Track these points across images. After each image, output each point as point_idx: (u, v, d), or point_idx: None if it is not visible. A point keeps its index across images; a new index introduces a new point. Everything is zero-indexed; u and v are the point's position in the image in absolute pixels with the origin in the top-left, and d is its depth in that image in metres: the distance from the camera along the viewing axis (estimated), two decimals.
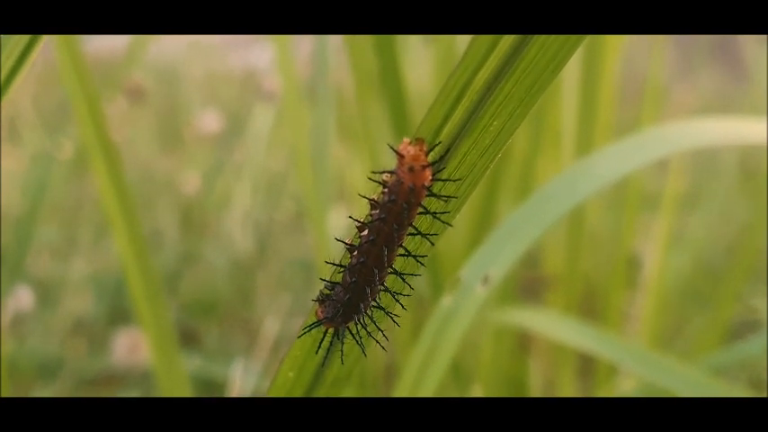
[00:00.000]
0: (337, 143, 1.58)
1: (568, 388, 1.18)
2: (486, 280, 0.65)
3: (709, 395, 0.67)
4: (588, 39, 1.14)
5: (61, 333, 1.52)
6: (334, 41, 1.24)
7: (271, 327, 1.28)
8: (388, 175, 0.38)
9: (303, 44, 1.65)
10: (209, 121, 1.92)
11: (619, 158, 0.68)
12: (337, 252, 0.42)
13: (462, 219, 1.17)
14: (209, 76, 2.42)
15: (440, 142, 0.38)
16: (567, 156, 1.21)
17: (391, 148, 0.37)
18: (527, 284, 1.31)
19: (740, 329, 1.37)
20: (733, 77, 2.42)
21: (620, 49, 1.22)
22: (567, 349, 1.16)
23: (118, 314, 1.53)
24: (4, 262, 1.41)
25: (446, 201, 0.38)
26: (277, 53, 1.08)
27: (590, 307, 1.33)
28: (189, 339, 1.53)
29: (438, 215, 0.39)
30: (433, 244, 0.39)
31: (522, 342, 1.28)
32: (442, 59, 1.21)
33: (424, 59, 1.40)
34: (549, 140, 1.22)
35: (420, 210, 0.38)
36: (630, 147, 0.69)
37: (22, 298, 1.43)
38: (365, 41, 1.17)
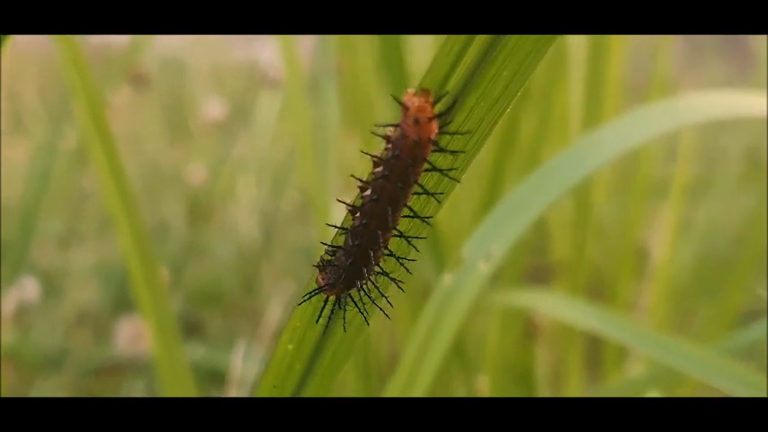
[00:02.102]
0: (342, 133, 1.57)
1: (575, 377, 1.17)
2: (488, 257, 0.64)
3: (722, 376, 0.65)
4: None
5: (66, 323, 1.51)
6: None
7: (274, 314, 1.27)
8: (392, 128, 0.36)
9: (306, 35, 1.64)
10: (215, 111, 1.92)
11: (624, 132, 0.66)
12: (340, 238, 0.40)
13: (467, 203, 1.16)
14: (214, 67, 2.41)
15: (447, 92, 0.35)
16: (573, 140, 1.20)
17: (395, 99, 0.35)
18: (534, 272, 1.30)
19: (748, 320, 1.36)
20: (741, 69, 2.40)
21: (626, 37, 1.21)
22: (574, 338, 1.15)
23: (123, 304, 1.52)
24: (9, 253, 1.40)
25: (454, 155, 0.36)
26: (281, 44, 1.08)
27: (597, 296, 1.32)
28: (194, 329, 1.53)
29: (445, 172, 0.36)
30: (439, 202, 0.37)
31: (529, 331, 1.27)
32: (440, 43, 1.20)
33: (426, 43, 1.39)
34: (556, 126, 1.21)
35: (426, 166, 0.36)
36: (637, 120, 0.67)
37: (28, 288, 1.42)
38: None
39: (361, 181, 0.37)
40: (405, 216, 0.38)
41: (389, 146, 0.36)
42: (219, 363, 1.33)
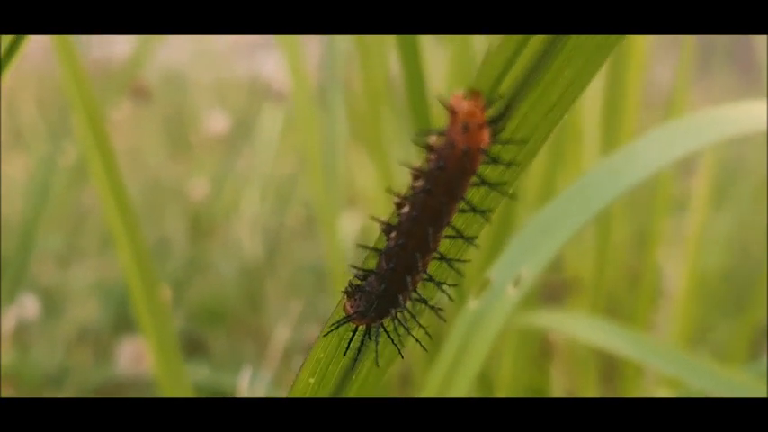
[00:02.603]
0: (349, 147, 1.55)
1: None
2: (518, 281, 0.60)
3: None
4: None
5: (66, 342, 1.49)
6: (345, 42, 1.21)
7: (281, 335, 1.24)
8: (437, 136, 0.31)
9: (312, 45, 1.62)
10: (217, 125, 1.90)
11: (658, 148, 0.63)
12: (351, 257, 0.36)
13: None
14: (216, 80, 2.39)
15: (500, 96, 0.31)
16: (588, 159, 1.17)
17: (442, 103, 0.31)
18: (548, 290, 1.27)
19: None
20: (749, 80, 2.37)
21: (645, 56, 1.18)
22: (590, 358, 1.12)
23: (123, 322, 1.50)
24: (8, 270, 1.37)
25: (506, 167, 0.32)
26: (287, 53, 1.05)
27: (612, 315, 1.28)
28: (196, 348, 1.50)
29: (496, 186, 0.32)
30: (488, 221, 0.33)
31: (543, 352, 1.24)
32: (458, 61, 1.17)
33: (440, 61, 1.36)
34: (570, 153, 1.18)
35: (474, 179, 0.32)
36: (670, 134, 0.64)
37: (27, 306, 1.40)
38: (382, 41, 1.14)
39: (398, 197, 0.33)
40: (447, 237, 0.34)
41: (433, 156, 0.32)
42: (223, 383, 1.30)
